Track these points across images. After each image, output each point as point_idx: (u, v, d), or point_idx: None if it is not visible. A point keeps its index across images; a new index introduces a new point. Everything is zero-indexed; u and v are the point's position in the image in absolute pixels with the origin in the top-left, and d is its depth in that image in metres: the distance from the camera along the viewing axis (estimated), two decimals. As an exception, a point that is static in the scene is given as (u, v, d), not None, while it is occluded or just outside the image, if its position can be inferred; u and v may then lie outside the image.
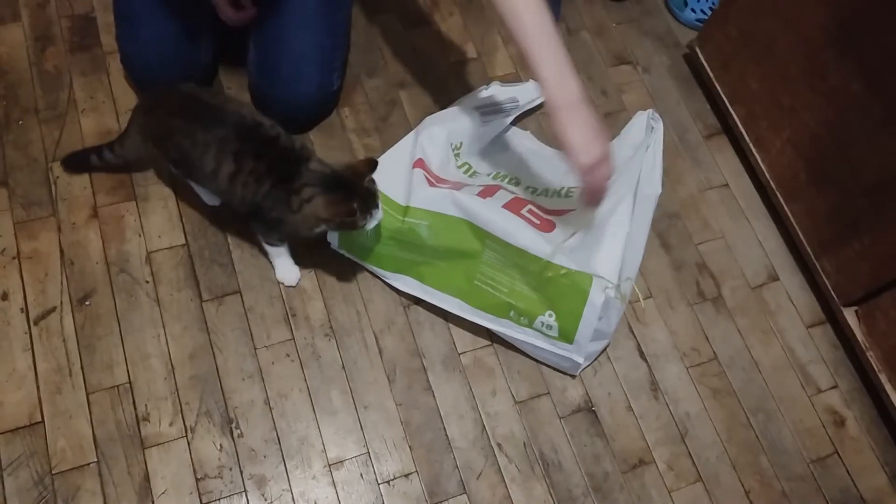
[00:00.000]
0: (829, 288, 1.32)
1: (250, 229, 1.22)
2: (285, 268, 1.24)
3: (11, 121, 1.32)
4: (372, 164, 1.09)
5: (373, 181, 1.10)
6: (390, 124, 1.43)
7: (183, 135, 1.10)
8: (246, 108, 1.14)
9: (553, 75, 1.02)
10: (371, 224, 1.10)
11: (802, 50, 1.27)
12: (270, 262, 1.24)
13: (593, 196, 1.09)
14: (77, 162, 1.28)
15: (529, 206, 1.22)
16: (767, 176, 1.42)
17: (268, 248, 1.21)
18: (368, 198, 1.09)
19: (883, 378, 1.24)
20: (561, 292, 1.14)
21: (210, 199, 1.26)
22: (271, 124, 1.12)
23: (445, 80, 1.49)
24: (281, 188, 1.09)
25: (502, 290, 1.18)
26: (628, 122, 1.41)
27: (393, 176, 1.25)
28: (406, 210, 1.21)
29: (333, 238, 1.25)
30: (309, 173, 1.09)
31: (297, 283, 1.24)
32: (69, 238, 1.23)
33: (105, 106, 1.36)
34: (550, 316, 1.16)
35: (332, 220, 1.09)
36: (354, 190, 1.08)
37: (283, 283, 1.24)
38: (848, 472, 1.25)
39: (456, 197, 1.19)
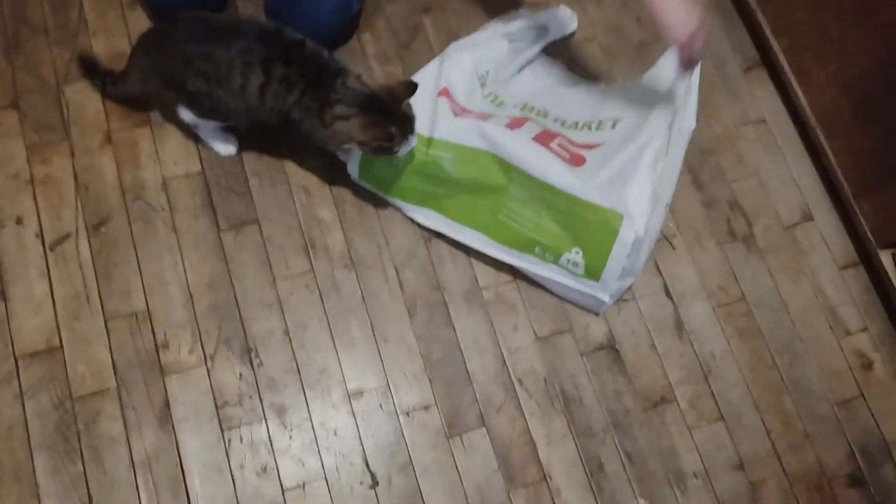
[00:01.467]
0: (867, 229, 1.27)
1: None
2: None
3: (21, 41, 1.27)
4: (411, 87, 1.05)
5: (409, 105, 1.06)
6: (413, 51, 1.36)
7: (202, 60, 1.04)
8: (260, 19, 1.09)
9: None
10: (405, 150, 1.07)
11: (857, -25, 1.19)
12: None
13: (689, 65, 1.12)
14: (88, 68, 1.22)
15: (559, 139, 1.17)
16: (808, 111, 1.35)
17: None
18: (405, 123, 1.05)
19: (916, 323, 1.21)
20: (590, 229, 1.11)
21: (226, 148, 1.21)
22: (292, 30, 1.07)
23: (472, 4, 1.42)
24: (313, 97, 1.04)
25: (528, 226, 1.15)
26: (664, 54, 1.34)
27: (416, 104, 1.19)
28: (430, 141, 1.16)
29: (353, 169, 1.21)
30: (345, 90, 1.04)
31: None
32: (83, 163, 1.20)
33: (116, 26, 1.31)
34: (577, 253, 1.13)
35: (367, 144, 1.05)
36: (392, 113, 1.04)
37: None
38: (872, 414, 1.23)
39: (483, 128, 1.14)
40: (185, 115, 1.14)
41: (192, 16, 1.10)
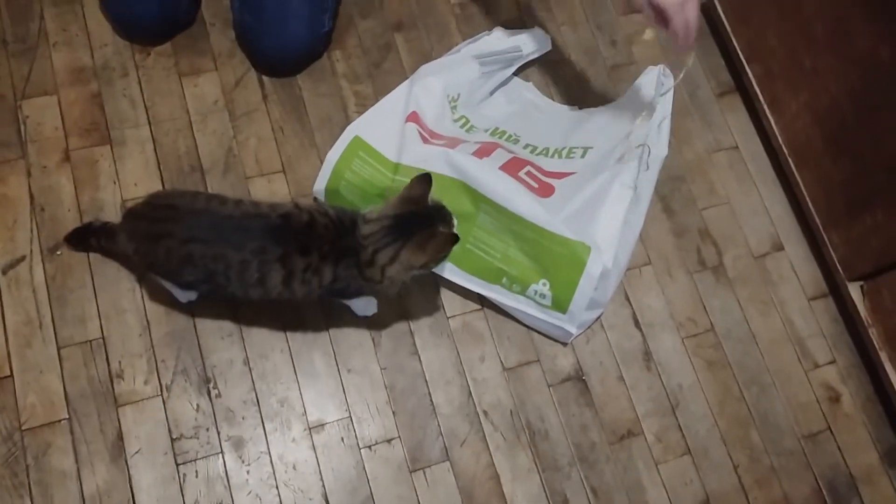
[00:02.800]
0: (836, 261, 1.26)
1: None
2: (363, 301, 1.11)
3: (-22, 53, 1.23)
4: (425, 181, 0.96)
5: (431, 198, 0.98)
6: (384, 70, 1.34)
7: (210, 260, 0.94)
8: (261, 204, 0.97)
9: None
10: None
11: (830, 8, 1.18)
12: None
13: (683, 40, 1.01)
14: (79, 242, 1.12)
15: (528, 168, 1.16)
16: (780, 140, 1.34)
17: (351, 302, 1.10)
18: (444, 214, 0.97)
19: (883, 356, 1.21)
20: (556, 261, 1.09)
21: (185, 296, 1.08)
22: (293, 206, 0.96)
23: (445, 24, 1.40)
24: (347, 266, 0.95)
25: (495, 256, 1.13)
26: (637, 78, 1.33)
27: (384, 129, 1.18)
28: (397, 167, 1.14)
29: (320, 192, 1.19)
30: (370, 237, 0.95)
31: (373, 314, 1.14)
32: (40, 183, 1.17)
33: (79, 40, 1.27)
34: (544, 285, 1.11)
35: (433, 260, 0.96)
36: (428, 215, 0.96)
37: (365, 315, 1.14)
38: (839, 448, 1.22)
39: (450, 156, 1.12)
40: (174, 289, 1.05)
41: (191, 208, 0.96)
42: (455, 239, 0.95)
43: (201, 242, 0.94)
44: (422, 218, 0.96)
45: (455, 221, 0.99)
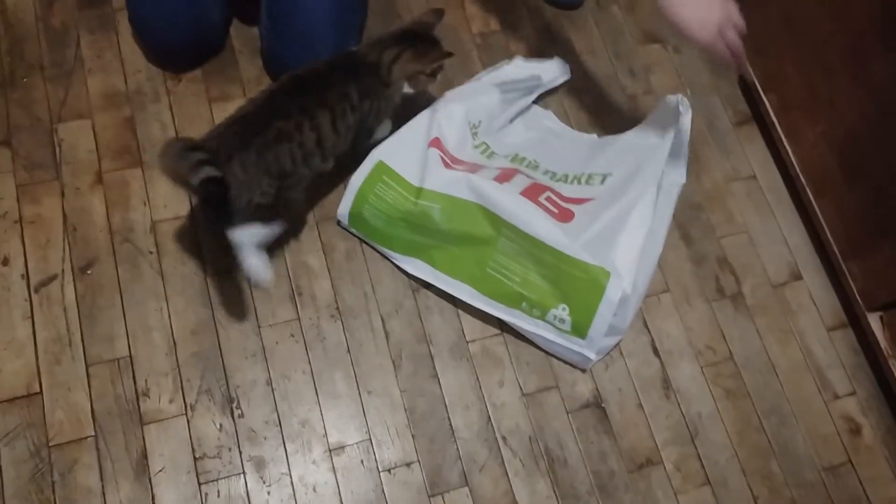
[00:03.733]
0: (855, 291, 1.27)
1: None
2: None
3: (17, 77, 1.28)
4: (439, 14, 1.15)
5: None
6: (406, 97, 1.37)
7: (274, 144, 1.02)
8: (271, 85, 1.11)
9: None
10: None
11: (847, 39, 1.20)
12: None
13: (732, 60, 1.03)
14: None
15: (548, 193, 1.17)
16: (798, 169, 1.35)
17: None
18: (441, 45, 1.14)
19: (904, 387, 1.21)
20: (576, 286, 1.10)
21: (265, 272, 1.07)
22: (302, 68, 1.11)
23: (467, 52, 1.43)
24: (365, 81, 1.10)
25: (515, 280, 1.14)
26: (655, 107, 1.35)
27: (407, 154, 1.20)
28: (419, 192, 1.16)
29: (344, 216, 1.21)
30: (375, 45, 1.12)
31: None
32: (73, 203, 1.20)
33: (113, 66, 1.31)
34: (564, 310, 1.12)
35: (423, 71, 1.13)
36: (431, 38, 1.14)
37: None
38: (860, 481, 1.22)
39: (472, 181, 1.14)
40: (245, 234, 1.04)
41: (229, 125, 1.03)
42: (447, 54, 1.12)
43: (257, 140, 1.01)
44: (426, 37, 1.14)
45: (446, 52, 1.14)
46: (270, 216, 1.06)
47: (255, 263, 1.06)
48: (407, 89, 1.17)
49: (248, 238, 1.04)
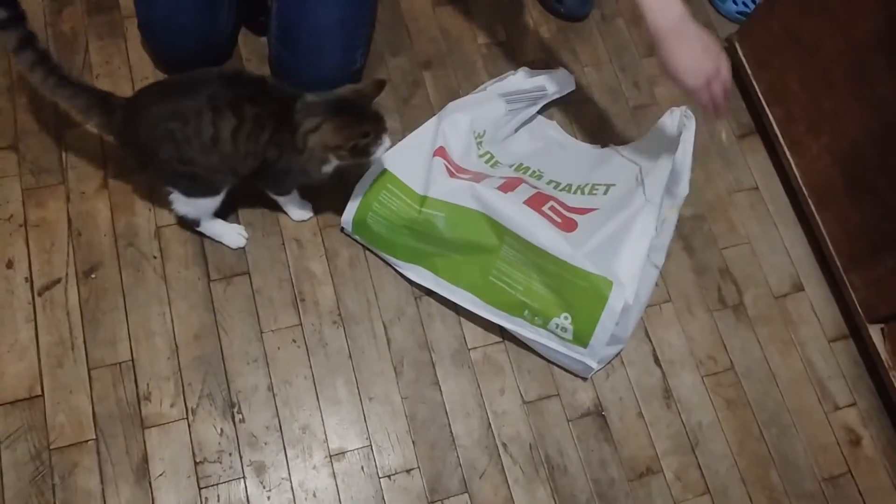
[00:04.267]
0: (856, 303, 1.27)
1: (259, 189, 1.17)
2: (297, 206, 1.23)
3: (25, 82, 1.29)
4: (380, 85, 1.05)
5: (378, 106, 1.07)
6: (412, 106, 1.38)
7: (169, 118, 1.01)
8: (213, 68, 1.09)
9: (653, 0, 0.99)
10: (380, 152, 1.06)
11: (850, 53, 1.20)
12: (283, 209, 1.23)
13: (711, 113, 1.06)
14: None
15: (552, 203, 1.18)
16: (800, 181, 1.36)
17: (277, 197, 1.20)
18: (378, 122, 1.05)
19: (905, 400, 1.21)
20: (579, 295, 1.11)
21: (235, 240, 1.20)
22: (249, 71, 1.11)
23: (472, 63, 1.44)
24: (284, 129, 1.04)
25: (518, 289, 1.15)
26: (659, 119, 1.36)
27: (412, 163, 1.21)
28: (423, 200, 1.17)
29: (348, 223, 1.22)
30: (308, 105, 1.04)
31: (309, 218, 1.24)
32: (78, 208, 1.21)
33: (121, 72, 1.33)
34: (566, 318, 1.12)
35: (342, 147, 1.03)
36: (363, 112, 1.04)
37: (302, 220, 1.24)
38: (860, 492, 1.21)
39: (476, 190, 1.15)
40: (176, 202, 1.12)
41: (149, 87, 1.10)
42: (364, 134, 1.02)
43: (160, 102, 1.03)
44: (357, 110, 1.04)
45: (385, 139, 1.06)
46: (179, 184, 1.09)
47: (214, 229, 1.17)
48: (331, 165, 1.08)
49: (178, 206, 1.12)
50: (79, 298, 1.14)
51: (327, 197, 1.27)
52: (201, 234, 1.20)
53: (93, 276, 1.16)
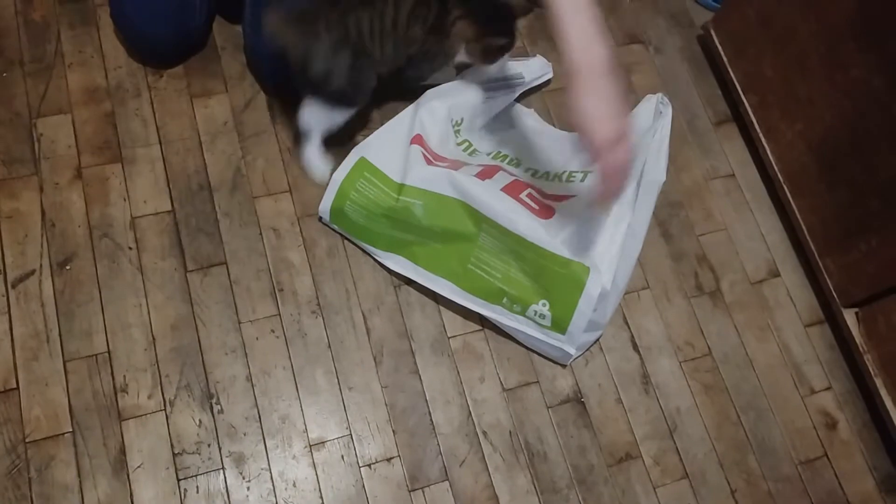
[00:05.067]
0: (831, 287, 1.28)
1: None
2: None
3: (-5, 72, 1.27)
4: (529, 8, 1.18)
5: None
6: (390, 94, 1.37)
7: (358, 5, 1.08)
8: None
9: (578, 35, 0.90)
10: (498, 66, 1.23)
11: (824, 39, 1.21)
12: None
13: (609, 183, 0.94)
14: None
15: (529, 190, 1.18)
16: (776, 168, 1.37)
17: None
18: (511, 37, 1.18)
19: (878, 382, 1.22)
20: (556, 282, 1.11)
21: (322, 175, 1.24)
22: None
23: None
24: (441, 11, 1.13)
25: (496, 276, 1.15)
26: (636, 106, 1.36)
27: (389, 151, 1.21)
28: (401, 188, 1.17)
29: (325, 212, 1.21)
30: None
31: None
32: (51, 199, 1.19)
33: (94, 61, 1.31)
34: (544, 305, 1.13)
35: (475, 42, 1.16)
36: (505, 21, 1.17)
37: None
38: (836, 475, 1.23)
39: (453, 177, 1.14)
40: (311, 112, 1.17)
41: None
42: (499, 42, 1.17)
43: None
44: (500, 16, 1.17)
45: (506, 56, 1.20)
46: (341, 96, 1.15)
47: (313, 154, 1.21)
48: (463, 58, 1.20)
49: (315, 120, 1.17)
50: (53, 290, 1.13)
51: (305, 186, 1.26)
52: (177, 224, 1.19)
53: (67, 267, 1.15)
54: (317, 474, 1.08)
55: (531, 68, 1.40)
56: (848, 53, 1.18)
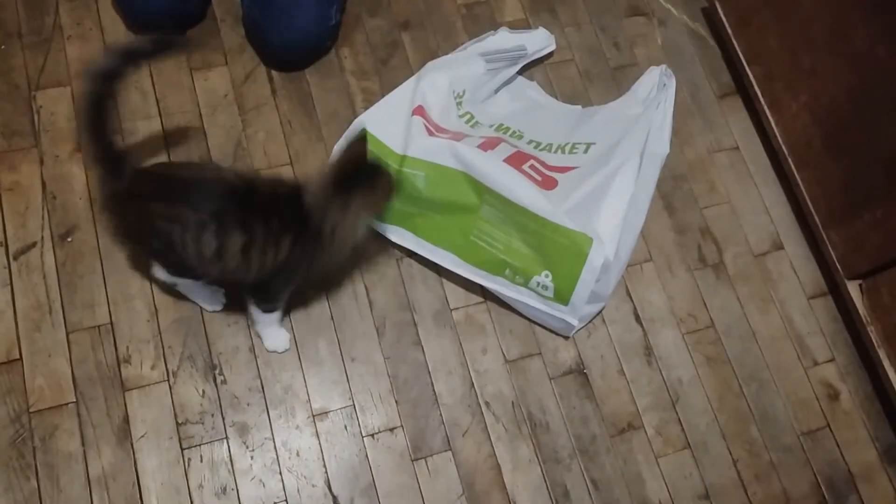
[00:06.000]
0: (835, 259, 1.28)
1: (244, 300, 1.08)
2: (275, 334, 1.11)
3: (-7, 46, 1.26)
4: (362, 141, 0.96)
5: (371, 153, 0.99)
6: (391, 67, 1.36)
7: (168, 221, 0.91)
8: (226, 171, 0.96)
9: None
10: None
11: (829, 9, 1.20)
12: (257, 333, 1.11)
13: None
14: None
15: (532, 162, 1.18)
16: (780, 140, 1.36)
17: (261, 316, 1.08)
18: (380, 165, 0.99)
19: (882, 353, 1.22)
20: (559, 252, 1.11)
21: (211, 305, 1.12)
22: (256, 175, 0.99)
23: (451, 23, 1.42)
24: (306, 233, 0.94)
25: (498, 248, 1.14)
26: (639, 78, 1.35)
27: (391, 122, 1.20)
28: (403, 159, 1.16)
29: (326, 184, 1.21)
30: (317, 197, 0.94)
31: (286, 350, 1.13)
32: (52, 171, 1.19)
33: (92, 34, 1.30)
34: (547, 276, 1.12)
35: (385, 203, 0.99)
36: (371, 167, 0.97)
37: (276, 351, 1.12)
38: (838, 445, 1.23)
39: (456, 148, 1.14)
40: (159, 271, 1.03)
41: (157, 170, 0.99)
42: (392, 183, 0.97)
43: (164, 202, 0.91)
44: (364, 170, 0.96)
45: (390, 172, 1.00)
46: (172, 269, 1.01)
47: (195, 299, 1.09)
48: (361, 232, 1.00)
49: (162, 276, 1.03)
50: (55, 262, 1.13)
51: (307, 158, 1.26)
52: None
53: (69, 239, 1.14)
54: (320, 444, 1.09)
55: (534, 40, 1.38)
56: (853, 23, 1.16)
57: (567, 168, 1.19)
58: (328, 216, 0.94)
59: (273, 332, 1.11)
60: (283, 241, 0.93)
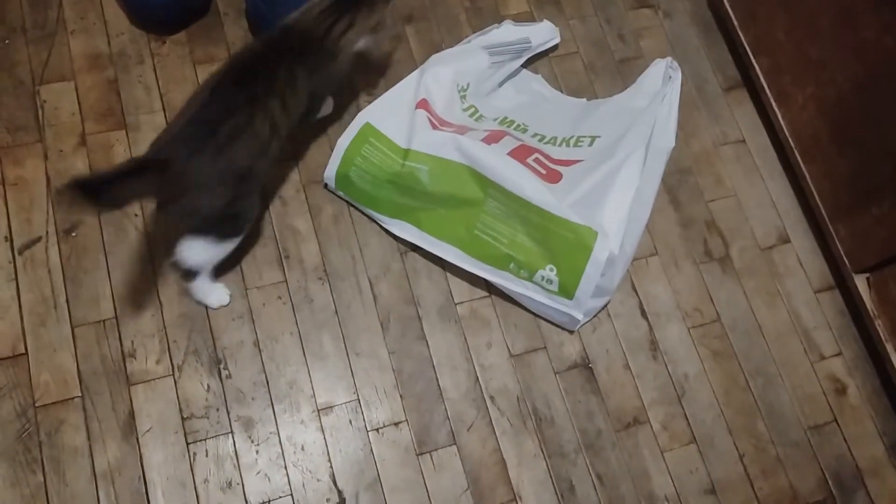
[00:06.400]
0: (842, 253, 1.27)
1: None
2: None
3: (-2, 41, 1.26)
4: None
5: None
6: (395, 60, 1.36)
7: (238, 141, 0.96)
8: (235, 56, 1.06)
9: None
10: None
11: (836, 1, 1.19)
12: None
13: None
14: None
15: (536, 155, 1.17)
16: (787, 133, 1.35)
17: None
18: None
19: (889, 347, 1.21)
20: (564, 246, 1.10)
21: (219, 299, 1.12)
22: (253, 42, 1.11)
23: (455, 17, 1.42)
24: (312, 59, 1.06)
25: (503, 242, 1.14)
26: (644, 71, 1.34)
27: (395, 116, 1.20)
28: (406, 153, 1.16)
29: (330, 179, 1.20)
30: (320, 18, 1.07)
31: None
32: (56, 166, 1.18)
33: (96, 28, 1.29)
34: (551, 270, 1.12)
35: (379, 26, 1.12)
36: None
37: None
38: (845, 440, 1.23)
39: (459, 142, 1.13)
40: (196, 252, 1.02)
41: (179, 131, 0.95)
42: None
43: (204, 132, 0.94)
44: None
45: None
46: (225, 230, 1.02)
47: (206, 286, 1.09)
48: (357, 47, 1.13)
49: (202, 259, 1.04)
50: (60, 257, 1.13)
51: (310, 153, 1.25)
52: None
53: (73, 234, 1.14)
54: (325, 438, 1.09)
55: (538, 33, 1.37)
56: (860, 14, 1.15)
57: (572, 161, 1.18)
58: (333, 32, 1.06)
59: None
60: (299, 77, 1.03)
